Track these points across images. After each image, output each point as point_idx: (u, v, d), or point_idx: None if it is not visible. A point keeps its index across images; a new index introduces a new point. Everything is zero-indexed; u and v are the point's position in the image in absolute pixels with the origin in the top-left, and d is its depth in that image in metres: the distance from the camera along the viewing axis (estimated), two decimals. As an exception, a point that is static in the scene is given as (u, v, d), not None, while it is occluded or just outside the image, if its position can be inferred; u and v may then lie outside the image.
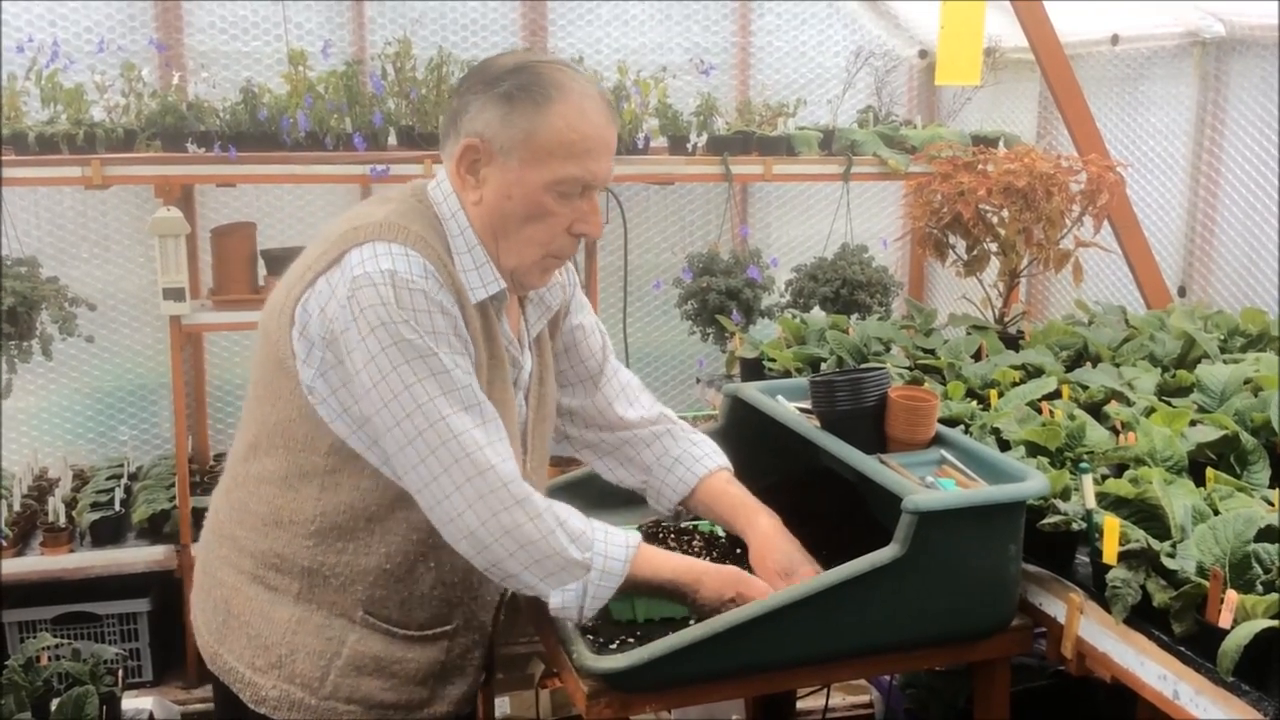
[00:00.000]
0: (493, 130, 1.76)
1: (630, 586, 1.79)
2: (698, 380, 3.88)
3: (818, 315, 3.76)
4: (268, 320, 1.83)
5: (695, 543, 2.14)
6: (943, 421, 2.24)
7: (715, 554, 2.09)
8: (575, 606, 1.76)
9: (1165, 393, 2.63)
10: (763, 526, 2.02)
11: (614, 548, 1.78)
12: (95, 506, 3.92)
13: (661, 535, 2.16)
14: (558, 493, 2.30)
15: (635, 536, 1.82)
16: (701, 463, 2.13)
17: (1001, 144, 4.32)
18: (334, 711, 1.82)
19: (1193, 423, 2.30)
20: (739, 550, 2.15)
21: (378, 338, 1.68)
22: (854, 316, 3.88)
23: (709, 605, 1.83)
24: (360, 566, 1.80)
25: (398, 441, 1.70)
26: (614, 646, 1.86)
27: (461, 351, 1.73)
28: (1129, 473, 2.06)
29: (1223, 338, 3.01)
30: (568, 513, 1.77)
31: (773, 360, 3.17)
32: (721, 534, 2.18)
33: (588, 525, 1.78)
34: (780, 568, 1.95)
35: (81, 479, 4.24)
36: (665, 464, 2.14)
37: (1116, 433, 2.34)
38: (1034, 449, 2.25)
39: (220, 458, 4.51)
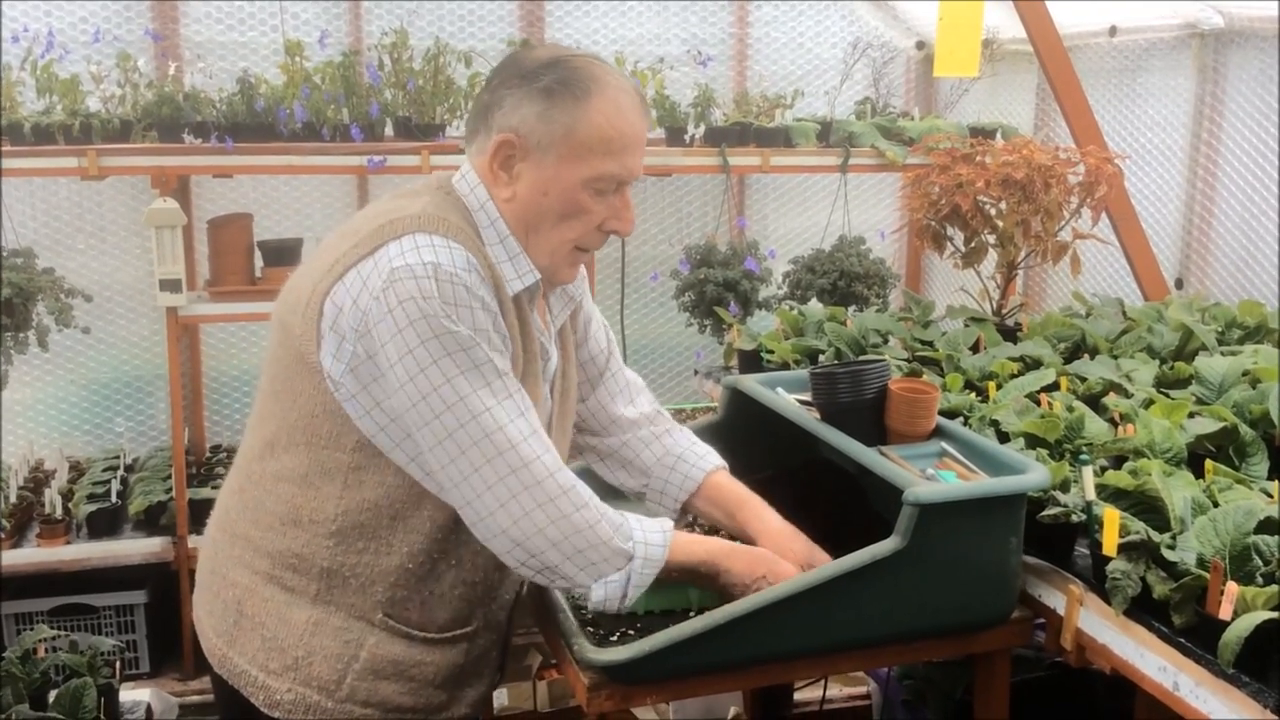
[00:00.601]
0: (529, 126, 1.73)
1: (664, 571, 1.78)
2: (695, 372, 3.88)
3: (815, 307, 3.76)
4: (288, 315, 1.78)
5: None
6: (941, 413, 2.24)
7: None
8: (618, 597, 1.75)
9: (1163, 385, 2.63)
10: (772, 522, 2.01)
11: (652, 534, 1.78)
12: (92, 498, 3.92)
13: None
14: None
15: (668, 522, 1.83)
16: (706, 459, 2.12)
17: (999, 136, 4.32)
18: (350, 715, 1.79)
19: (1191, 415, 2.30)
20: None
21: (416, 331, 1.64)
22: (851, 308, 3.88)
23: (739, 583, 1.83)
24: (381, 566, 1.77)
25: (435, 436, 1.67)
26: (614, 639, 1.86)
27: (500, 348, 1.71)
28: (1128, 464, 2.06)
29: (1220, 330, 3.01)
30: (602, 502, 1.76)
31: (771, 352, 3.17)
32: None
33: (622, 515, 1.77)
34: (801, 560, 1.94)
35: (78, 471, 4.24)
36: (668, 463, 2.11)
37: (1115, 425, 2.35)
38: (1033, 441, 2.26)
39: (217, 449, 4.50)
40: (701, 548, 1.84)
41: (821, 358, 3.09)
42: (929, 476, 1.99)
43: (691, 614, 1.92)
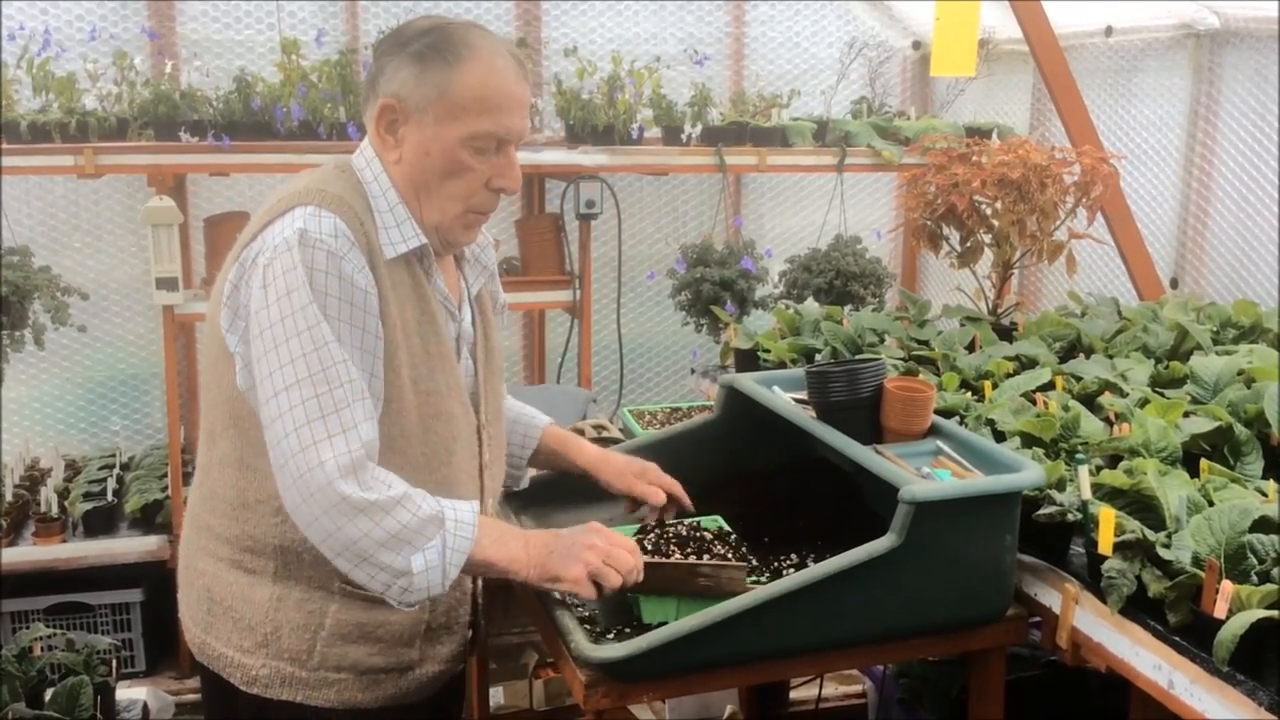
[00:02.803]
0: (408, 90, 1.81)
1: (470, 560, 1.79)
2: (692, 371, 3.89)
3: (811, 306, 3.76)
4: (211, 309, 1.88)
5: (706, 537, 2.11)
6: (937, 413, 2.25)
7: (724, 547, 2.07)
8: (439, 566, 1.74)
9: (1158, 384, 2.64)
10: (594, 449, 2.21)
11: (458, 503, 1.80)
12: (88, 497, 3.91)
13: (666, 533, 2.12)
14: (535, 489, 2.32)
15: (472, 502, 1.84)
16: (538, 418, 2.25)
17: (995, 136, 4.33)
18: (325, 681, 1.85)
19: (1186, 414, 2.31)
20: (744, 546, 2.14)
21: (280, 307, 1.72)
22: (847, 308, 3.89)
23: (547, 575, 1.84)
24: None
25: (270, 414, 1.72)
26: (611, 636, 1.87)
27: (347, 319, 1.75)
28: (1124, 464, 2.07)
29: (1215, 329, 3.02)
30: (403, 484, 1.77)
31: (767, 351, 3.17)
32: (729, 528, 2.17)
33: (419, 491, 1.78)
34: (633, 470, 2.16)
35: (73, 469, 4.24)
36: (505, 426, 2.19)
37: (1110, 424, 2.35)
38: (1029, 440, 2.26)
39: (213, 448, 4.49)
40: (505, 552, 1.82)
41: (818, 357, 3.09)
42: (925, 475, 2.00)
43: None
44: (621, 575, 1.80)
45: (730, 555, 2.02)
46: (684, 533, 2.10)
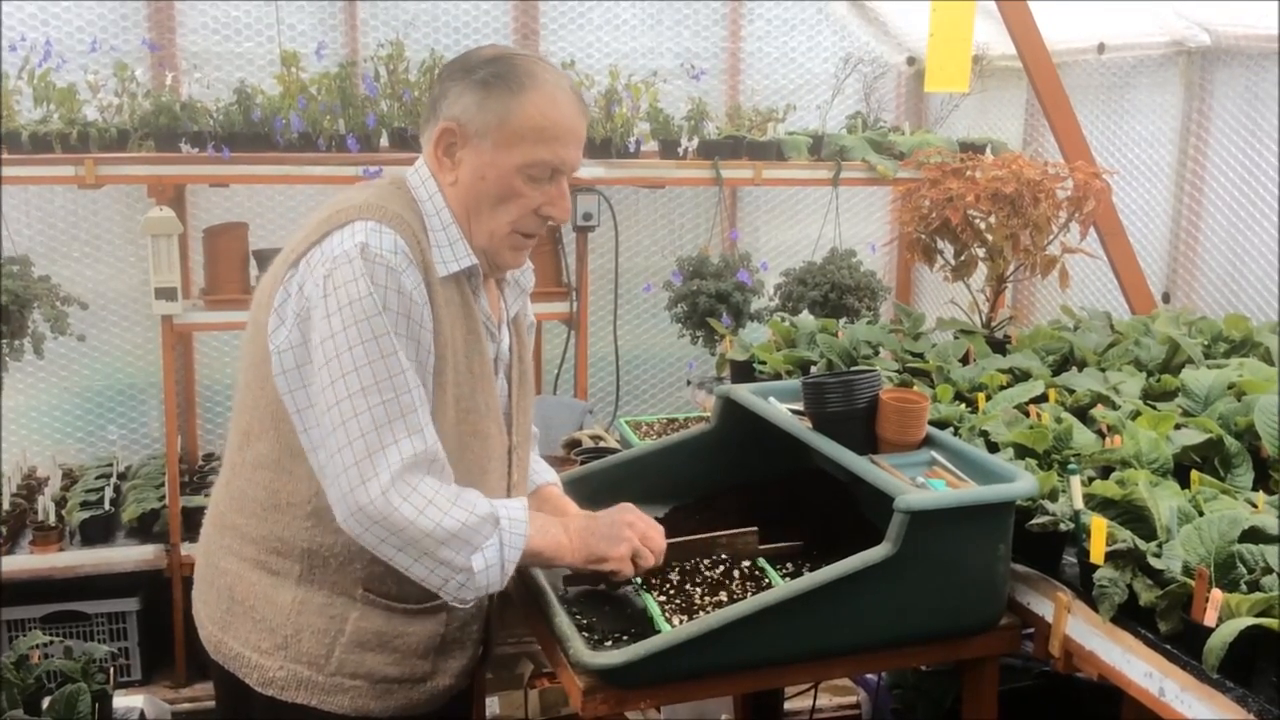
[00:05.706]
0: (469, 115, 1.85)
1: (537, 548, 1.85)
2: (688, 383, 3.91)
3: (806, 319, 3.79)
4: (257, 312, 1.89)
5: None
6: (931, 424, 2.27)
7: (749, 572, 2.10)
8: (498, 564, 1.79)
9: (1150, 397, 2.66)
10: (575, 513, 2.13)
11: (508, 501, 1.86)
12: (85, 506, 3.92)
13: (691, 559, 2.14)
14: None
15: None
16: (541, 474, 2.23)
17: (989, 151, 4.36)
18: (340, 687, 1.87)
19: (1177, 426, 2.34)
20: (757, 571, 2.15)
21: (342, 316, 1.74)
22: (842, 320, 3.91)
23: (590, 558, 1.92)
24: (357, 545, 1.82)
25: (331, 421, 1.75)
26: (609, 643, 1.88)
27: (405, 333, 1.79)
28: (1116, 474, 2.09)
29: (1206, 343, 3.04)
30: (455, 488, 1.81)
31: (763, 363, 3.20)
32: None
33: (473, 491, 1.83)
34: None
35: (71, 478, 4.25)
36: None
37: (1103, 435, 2.38)
38: (1022, 451, 2.28)
39: (210, 457, 4.51)
40: (549, 539, 1.89)
41: (813, 368, 3.11)
42: (919, 484, 2.02)
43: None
44: (654, 556, 1.93)
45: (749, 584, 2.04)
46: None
